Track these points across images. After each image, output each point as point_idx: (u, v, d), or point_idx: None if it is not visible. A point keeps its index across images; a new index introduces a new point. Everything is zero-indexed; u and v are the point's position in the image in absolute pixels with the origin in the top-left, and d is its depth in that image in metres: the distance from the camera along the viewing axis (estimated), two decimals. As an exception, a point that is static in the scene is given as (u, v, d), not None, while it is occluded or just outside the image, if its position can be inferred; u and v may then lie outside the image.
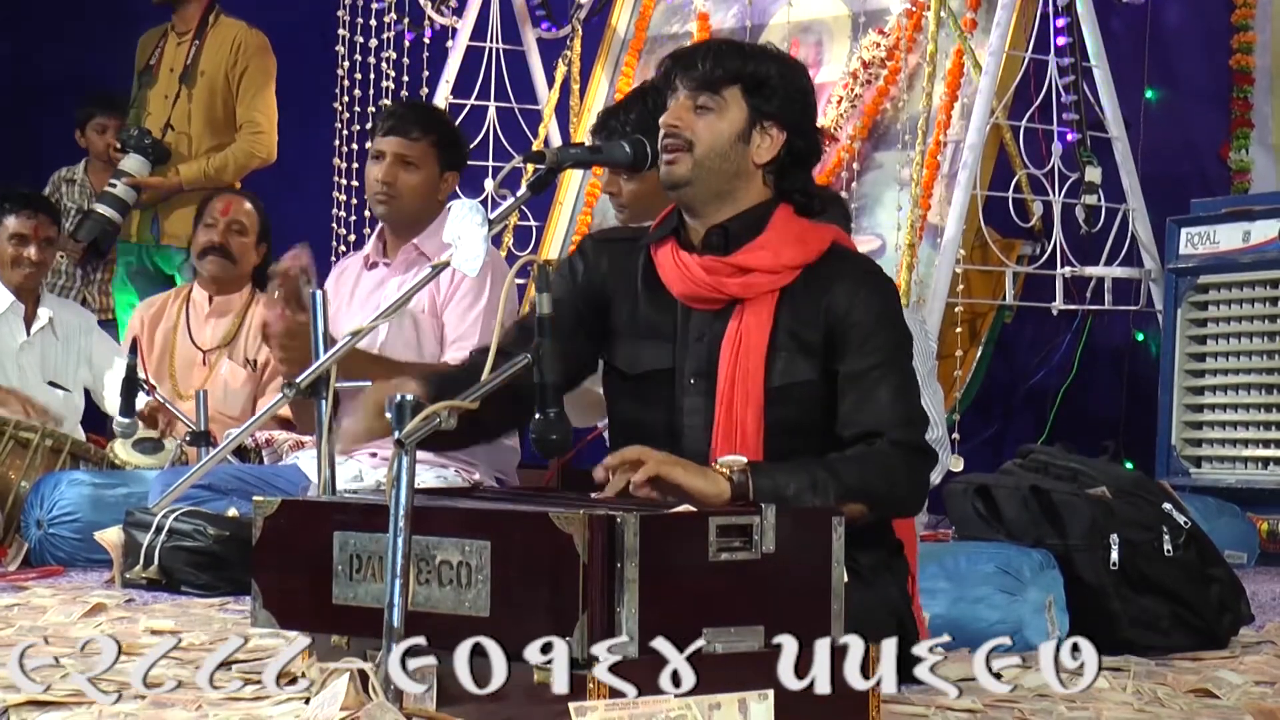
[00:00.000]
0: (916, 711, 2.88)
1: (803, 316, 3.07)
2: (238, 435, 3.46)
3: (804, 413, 3.06)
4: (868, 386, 3.03)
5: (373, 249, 4.76)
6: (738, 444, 3.02)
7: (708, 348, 3.09)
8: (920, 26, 6.35)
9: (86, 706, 2.71)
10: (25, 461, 5.37)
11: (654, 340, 3.14)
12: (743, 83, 3.08)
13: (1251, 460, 5.59)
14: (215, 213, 5.76)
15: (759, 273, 3.07)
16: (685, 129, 3.07)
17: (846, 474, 2.94)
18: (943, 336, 5.82)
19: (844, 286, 3.06)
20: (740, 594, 2.65)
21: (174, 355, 5.77)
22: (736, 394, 3.04)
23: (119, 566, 4.63)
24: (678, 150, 3.06)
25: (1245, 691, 3.16)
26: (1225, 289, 5.72)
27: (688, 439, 3.09)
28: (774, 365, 3.05)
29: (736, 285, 3.08)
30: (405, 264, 4.64)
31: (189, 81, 6.64)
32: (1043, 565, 3.74)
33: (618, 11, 7.29)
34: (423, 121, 4.71)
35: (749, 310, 3.07)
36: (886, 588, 3.15)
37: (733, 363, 3.05)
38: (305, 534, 2.88)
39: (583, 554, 2.53)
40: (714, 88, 3.07)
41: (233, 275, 5.76)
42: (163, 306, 5.88)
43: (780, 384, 3.05)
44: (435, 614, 2.68)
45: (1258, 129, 6.45)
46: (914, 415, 3.06)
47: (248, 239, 5.75)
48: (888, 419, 3.02)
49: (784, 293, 3.08)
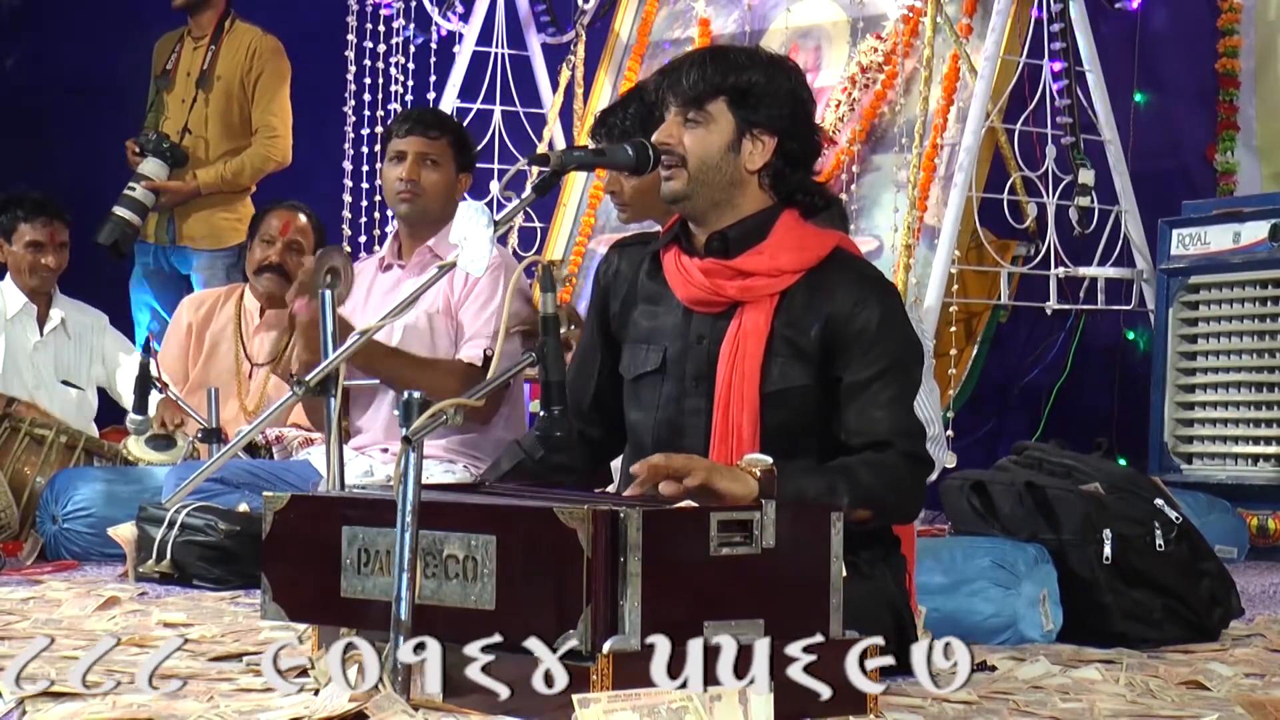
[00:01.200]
0: (914, 703, 2.89)
1: (801, 322, 3.10)
2: (248, 432, 3.48)
3: (799, 417, 3.10)
4: (872, 395, 3.06)
5: (389, 251, 4.81)
6: (734, 447, 3.06)
7: (707, 350, 3.13)
8: (917, 32, 6.36)
9: (100, 698, 2.71)
10: (40, 458, 5.41)
11: (654, 344, 3.19)
12: (727, 95, 3.12)
13: (1242, 457, 5.60)
14: (273, 230, 5.74)
15: (758, 276, 3.11)
16: (677, 145, 3.12)
17: (862, 481, 2.99)
18: (939, 335, 5.84)
19: (846, 293, 3.09)
20: (741, 588, 2.67)
21: (219, 360, 5.76)
22: (733, 397, 3.08)
23: (132, 561, 4.65)
24: (673, 166, 3.12)
25: (1235, 683, 3.18)
26: (1216, 289, 5.74)
27: (689, 439, 3.13)
28: (770, 370, 3.08)
29: (735, 289, 3.11)
30: (420, 266, 4.68)
31: (206, 86, 6.67)
32: (1037, 560, 3.76)
33: (620, 17, 7.30)
34: (439, 122, 4.79)
35: (747, 314, 3.10)
36: (884, 582, 3.18)
37: (730, 366, 3.09)
38: (315, 528, 2.91)
39: (587, 548, 2.56)
40: (699, 102, 3.11)
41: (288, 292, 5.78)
42: (213, 308, 5.86)
43: (775, 389, 3.08)
44: (442, 607, 2.70)
45: (1243, 131, 6.47)
46: (914, 425, 3.09)
47: (306, 258, 5.76)
48: (893, 429, 3.05)
49: (783, 296, 3.11)
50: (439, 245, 4.65)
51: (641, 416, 3.21)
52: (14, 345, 5.89)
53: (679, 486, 2.81)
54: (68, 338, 5.99)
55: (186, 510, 4.59)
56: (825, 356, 3.09)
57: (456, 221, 3.00)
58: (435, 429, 2.73)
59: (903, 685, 3.06)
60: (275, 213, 5.82)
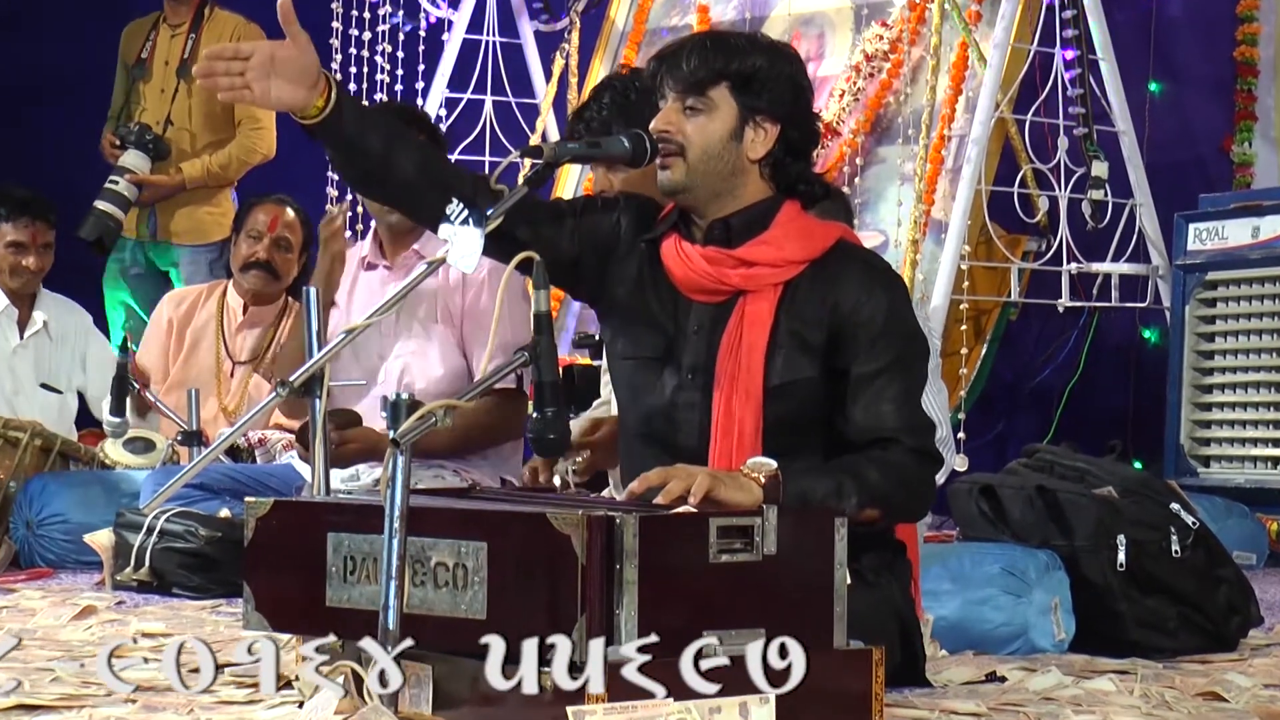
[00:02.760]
0: (920, 715, 2.87)
1: (806, 313, 3.04)
2: (230, 435, 3.46)
3: (803, 410, 3.04)
4: (878, 389, 3.00)
5: (370, 250, 4.71)
6: (735, 442, 3.01)
7: (706, 341, 3.07)
8: (924, 19, 6.36)
9: (76, 710, 2.69)
10: (14, 461, 5.34)
11: (653, 328, 3.13)
12: (730, 80, 3.06)
13: (1261, 460, 5.59)
14: (260, 225, 5.69)
15: (762, 266, 3.05)
16: (676, 133, 3.06)
17: (869, 480, 2.93)
18: (947, 333, 5.83)
19: (852, 284, 3.04)
20: (741, 596, 2.64)
21: (199, 358, 5.71)
22: (736, 391, 3.02)
23: (109, 568, 4.61)
24: (671, 155, 3.06)
25: (1254, 694, 3.15)
26: (1234, 285, 5.72)
27: (683, 433, 3.07)
28: (774, 363, 3.03)
29: (739, 277, 3.06)
30: (406, 270, 4.60)
31: (186, 76, 6.60)
32: (1048, 566, 3.74)
33: (616, 4, 7.30)
34: (414, 119, 4.69)
35: (750, 305, 3.05)
36: (889, 589, 3.13)
37: (733, 360, 3.03)
38: (299, 535, 2.87)
39: (581, 555, 2.52)
40: (701, 89, 3.05)
41: (274, 291, 5.72)
42: (194, 305, 5.82)
43: (780, 382, 3.02)
44: (431, 616, 2.67)
45: (1261, 122, 6.46)
46: (922, 420, 3.04)
47: (292, 255, 5.70)
48: (900, 424, 3.00)
49: (787, 287, 3.06)
50: (425, 248, 4.58)
51: (632, 401, 3.15)
52: None
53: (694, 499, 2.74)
54: (49, 340, 5.92)
55: (166, 516, 4.55)
56: (831, 348, 3.04)
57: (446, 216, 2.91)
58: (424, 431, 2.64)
59: (909, 696, 3.04)
60: (261, 207, 5.77)
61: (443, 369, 4.50)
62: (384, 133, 3.06)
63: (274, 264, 5.67)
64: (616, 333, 3.18)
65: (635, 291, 3.15)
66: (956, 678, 3.23)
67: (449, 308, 4.55)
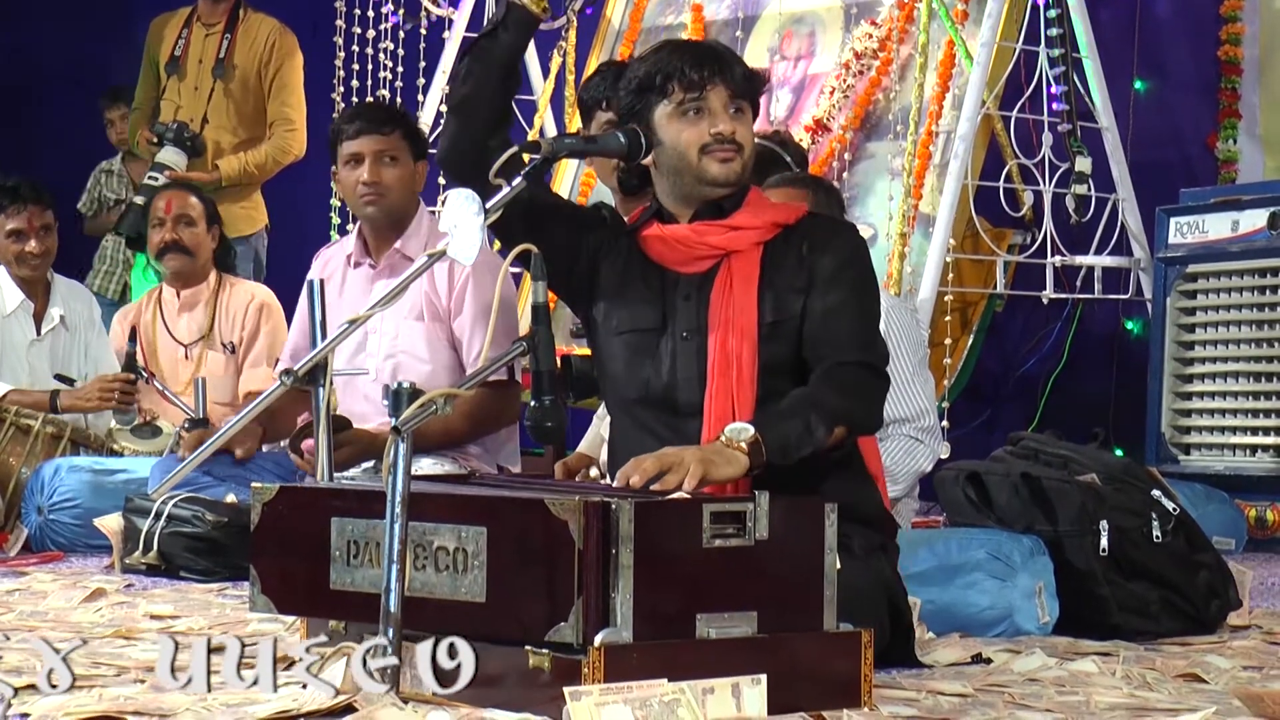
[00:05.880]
0: (908, 695, 2.89)
1: (786, 262, 3.21)
2: (235, 422, 3.46)
3: (794, 350, 3.18)
4: (835, 315, 3.17)
5: (355, 248, 4.75)
6: (735, 379, 3.13)
7: (696, 305, 3.20)
8: (912, 18, 6.35)
9: (87, 690, 2.70)
10: (26, 448, 5.37)
11: (645, 303, 3.24)
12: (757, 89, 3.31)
13: (1240, 447, 5.58)
14: (160, 212, 5.72)
15: (746, 229, 3.22)
16: (736, 135, 3.23)
17: (829, 404, 3.07)
18: (934, 325, 5.83)
19: (819, 235, 3.25)
20: (734, 580, 2.66)
21: (157, 354, 5.75)
22: (732, 332, 3.15)
23: (118, 552, 4.64)
24: (733, 153, 3.22)
25: (1233, 676, 3.18)
26: (1214, 278, 5.71)
27: (681, 390, 3.18)
28: (765, 302, 3.18)
29: (723, 239, 3.21)
30: (390, 268, 4.62)
31: (223, 76, 6.64)
32: (1033, 551, 3.75)
33: (612, 3, 7.29)
34: (389, 116, 4.71)
35: (735, 261, 3.20)
36: (880, 566, 3.20)
37: (726, 305, 3.17)
38: (303, 520, 2.90)
39: (578, 540, 2.55)
40: (746, 96, 3.27)
41: (194, 268, 5.72)
42: (138, 313, 5.83)
43: (773, 319, 3.18)
44: (432, 599, 2.69)
45: (1245, 119, 6.45)
46: (875, 341, 3.20)
47: (198, 229, 5.71)
48: (851, 345, 3.16)
49: (767, 247, 3.22)
50: (407, 246, 4.62)
51: (627, 373, 3.24)
52: (8, 344, 5.78)
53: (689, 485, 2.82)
54: (65, 331, 5.91)
55: (173, 501, 4.58)
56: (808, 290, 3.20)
57: (446, 209, 2.97)
58: (425, 419, 2.70)
59: (897, 677, 3.06)
60: (159, 195, 5.83)
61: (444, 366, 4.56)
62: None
63: (182, 241, 5.68)
64: (609, 312, 3.27)
65: (623, 276, 3.26)
66: (943, 659, 3.25)
67: (434, 304, 4.60)
